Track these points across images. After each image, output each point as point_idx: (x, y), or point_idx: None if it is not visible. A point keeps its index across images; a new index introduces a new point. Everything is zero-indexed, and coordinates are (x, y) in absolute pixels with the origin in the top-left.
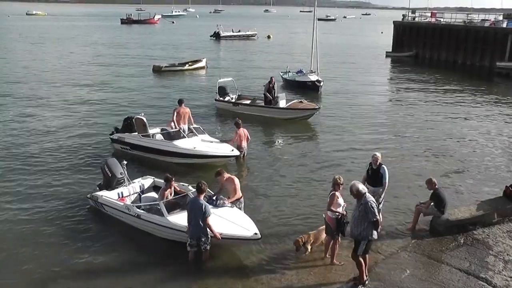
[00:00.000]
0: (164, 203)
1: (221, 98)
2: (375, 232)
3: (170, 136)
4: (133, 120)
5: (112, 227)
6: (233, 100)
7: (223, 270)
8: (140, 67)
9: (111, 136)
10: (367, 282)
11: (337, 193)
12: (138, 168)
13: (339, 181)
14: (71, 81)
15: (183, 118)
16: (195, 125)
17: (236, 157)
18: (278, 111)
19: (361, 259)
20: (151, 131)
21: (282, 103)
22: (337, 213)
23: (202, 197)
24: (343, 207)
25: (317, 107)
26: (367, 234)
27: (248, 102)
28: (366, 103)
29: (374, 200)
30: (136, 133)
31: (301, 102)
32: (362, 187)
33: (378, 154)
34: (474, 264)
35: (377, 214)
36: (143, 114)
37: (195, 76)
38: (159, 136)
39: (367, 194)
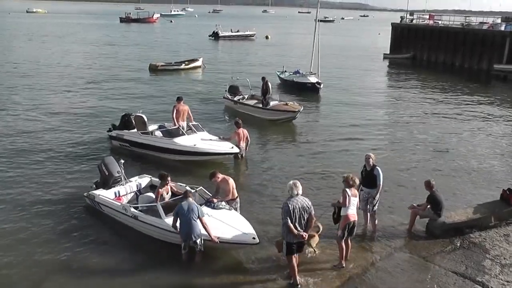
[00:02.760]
0: (162, 205)
1: (228, 96)
2: (290, 236)
3: (169, 133)
4: (132, 117)
5: (108, 227)
6: (237, 99)
7: (219, 271)
8: (137, 66)
9: (109, 133)
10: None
11: (348, 192)
12: (136, 166)
13: (349, 180)
14: (67, 79)
15: (182, 115)
16: (194, 123)
17: (235, 154)
18: (261, 111)
19: (290, 259)
20: (151, 128)
21: (273, 104)
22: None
23: (190, 199)
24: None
25: (296, 110)
26: (283, 233)
27: (250, 102)
28: (364, 105)
29: (291, 204)
30: (135, 130)
31: (286, 104)
32: (291, 188)
33: (371, 155)
34: (471, 267)
35: (286, 218)
36: (141, 111)
37: (191, 75)
38: (158, 133)
39: (293, 198)
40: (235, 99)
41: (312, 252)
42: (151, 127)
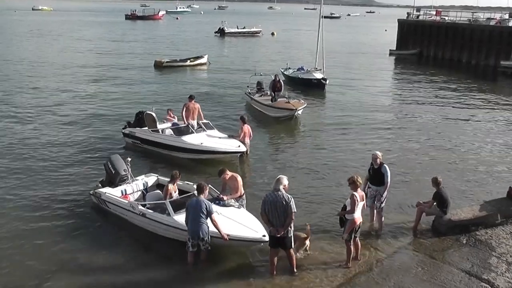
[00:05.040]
0: (170, 202)
1: (249, 91)
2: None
3: (179, 131)
4: (144, 115)
5: (115, 225)
6: (260, 95)
7: (226, 269)
8: (142, 63)
9: (123, 131)
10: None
11: (357, 196)
12: (145, 164)
13: (356, 182)
14: (72, 76)
15: (192, 114)
16: (204, 121)
17: (242, 153)
18: (264, 108)
19: (270, 251)
20: (163, 126)
21: (279, 101)
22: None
23: (202, 196)
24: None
25: (294, 108)
26: None
27: (264, 98)
28: (370, 101)
29: (264, 197)
30: (147, 128)
31: (287, 102)
32: (274, 182)
33: (378, 153)
34: (477, 265)
35: (261, 210)
36: (154, 109)
37: (196, 72)
38: (168, 131)
39: (271, 192)
40: (255, 95)
41: (304, 252)
42: (165, 125)
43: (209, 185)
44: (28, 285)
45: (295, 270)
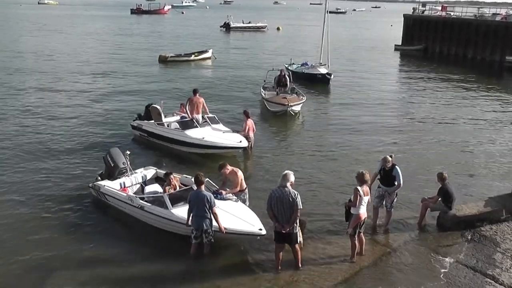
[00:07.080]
0: (168, 196)
1: (266, 86)
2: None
3: (183, 125)
4: (150, 108)
5: (113, 218)
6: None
7: (227, 262)
8: (147, 57)
9: (131, 123)
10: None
11: (360, 191)
12: (147, 157)
13: (362, 178)
14: (76, 70)
15: (197, 108)
16: (210, 115)
17: (244, 148)
18: (266, 102)
19: (276, 246)
20: (169, 119)
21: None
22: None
23: (203, 188)
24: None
25: (286, 103)
26: None
27: (270, 94)
28: (375, 97)
29: (270, 193)
30: (153, 121)
31: (284, 98)
32: (280, 178)
33: (388, 157)
34: (481, 261)
35: (267, 205)
36: (162, 102)
37: (201, 67)
38: (174, 125)
39: (277, 188)
40: (270, 90)
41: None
42: (171, 118)
43: (207, 179)
44: (28, 278)
45: (300, 265)
